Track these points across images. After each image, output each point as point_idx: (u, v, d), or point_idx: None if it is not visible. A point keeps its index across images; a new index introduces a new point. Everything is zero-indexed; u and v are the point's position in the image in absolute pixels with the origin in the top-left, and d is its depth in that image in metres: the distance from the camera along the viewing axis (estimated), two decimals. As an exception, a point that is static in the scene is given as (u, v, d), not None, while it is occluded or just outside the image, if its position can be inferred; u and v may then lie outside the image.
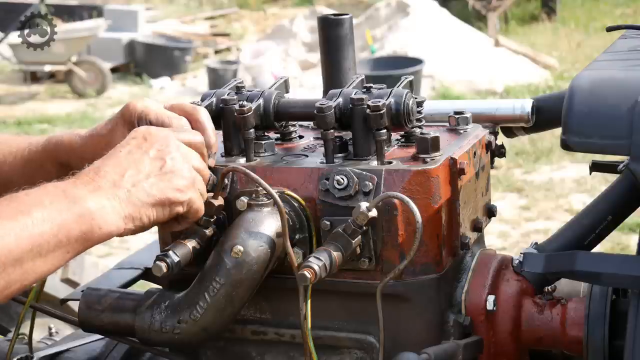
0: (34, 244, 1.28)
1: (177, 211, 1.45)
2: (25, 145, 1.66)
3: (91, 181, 1.38)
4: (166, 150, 1.45)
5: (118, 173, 1.40)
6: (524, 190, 7.68)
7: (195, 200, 1.47)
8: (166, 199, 1.42)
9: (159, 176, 1.42)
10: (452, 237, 1.58)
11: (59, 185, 1.36)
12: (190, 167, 1.46)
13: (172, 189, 1.43)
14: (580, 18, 15.20)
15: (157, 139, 1.45)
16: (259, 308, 1.63)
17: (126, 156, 1.42)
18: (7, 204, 1.30)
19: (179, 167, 1.44)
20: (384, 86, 1.60)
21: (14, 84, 13.54)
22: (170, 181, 1.43)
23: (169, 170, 1.43)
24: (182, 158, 1.46)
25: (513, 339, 1.59)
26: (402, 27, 12.15)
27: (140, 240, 6.52)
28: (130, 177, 1.40)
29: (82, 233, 1.33)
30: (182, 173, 1.44)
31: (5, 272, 1.25)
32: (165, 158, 1.44)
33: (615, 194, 1.61)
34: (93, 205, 1.34)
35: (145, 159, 1.43)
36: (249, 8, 18.45)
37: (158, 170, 1.43)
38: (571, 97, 1.45)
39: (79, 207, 1.33)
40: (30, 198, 1.32)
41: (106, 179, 1.38)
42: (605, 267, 1.45)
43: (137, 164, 1.41)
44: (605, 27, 2.04)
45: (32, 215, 1.29)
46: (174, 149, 1.46)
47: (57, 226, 1.30)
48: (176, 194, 1.43)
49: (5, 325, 2.80)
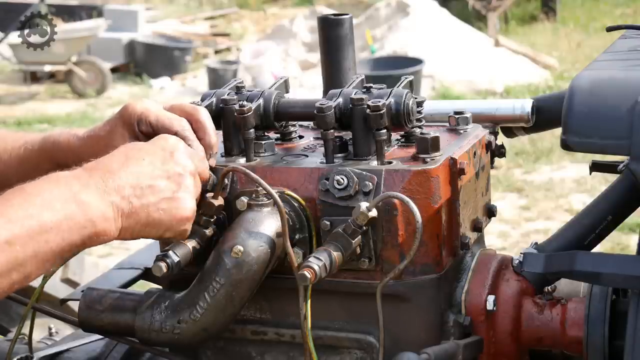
0: (38, 251, 1.28)
1: (167, 236, 1.46)
2: (20, 143, 1.65)
3: (103, 185, 1.36)
4: (185, 175, 1.45)
5: (131, 183, 1.39)
6: (524, 190, 7.68)
7: (187, 232, 1.48)
8: (163, 224, 1.43)
9: (168, 200, 1.42)
10: (452, 237, 1.58)
11: (70, 183, 1.34)
12: (194, 200, 1.47)
13: (173, 218, 1.43)
14: (580, 18, 15.20)
15: (181, 160, 1.45)
16: (259, 308, 1.63)
17: (147, 167, 1.42)
18: (18, 203, 1.29)
19: (187, 199, 1.45)
20: (384, 86, 1.60)
21: (14, 84, 13.54)
22: (176, 209, 1.43)
23: (179, 198, 1.44)
24: (193, 188, 1.46)
25: (513, 339, 1.59)
26: (402, 27, 12.15)
27: (140, 240, 6.52)
28: (141, 193, 1.40)
29: (82, 241, 1.34)
30: (188, 205, 1.45)
31: (9, 277, 1.25)
32: (181, 184, 1.44)
33: (615, 194, 1.61)
34: (98, 215, 1.34)
35: (164, 179, 1.42)
36: (249, 8, 18.45)
37: (171, 194, 1.43)
38: (571, 97, 1.45)
39: (86, 217, 1.33)
40: (40, 199, 1.30)
41: (118, 188, 1.37)
42: (605, 267, 1.45)
43: (154, 180, 1.41)
44: (605, 27, 2.03)
45: (41, 221, 1.28)
46: (191, 176, 1.46)
47: (62, 234, 1.30)
48: (174, 223, 1.44)
49: (5, 325, 2.80)
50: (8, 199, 1.29)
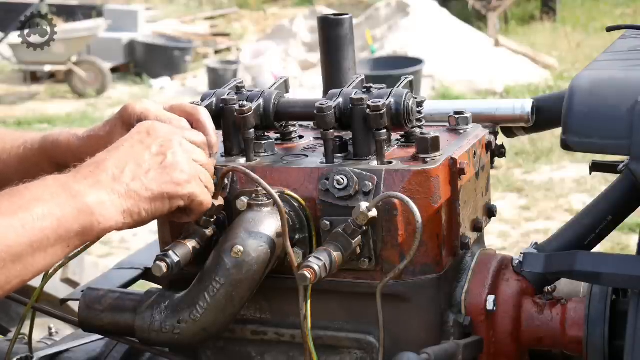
0: (34, 239, 1.28)
1: (177, 205, 1.45)
2: (20, 142, 1.65)
3: (91, 175, 1.37)
4: (168, 145, 1.45)
5: (118, 167, 1.39)
6: (524, 190, 7.68)
7: (198, 193, 1.46)
8: (165, 193, 1.42)
9: (159, 170, 1.42)
10: (452, 237, 1.58)
11: (59, 178, 1.36)
12: (191, 161, 1.46)
13: (171, 183, 1.43)
14: (580, 18, 15.20)
15: (160, 134, 1.46)
16: (259, 308, 1.63)
17: (128, 150, 1.42)
18: (8, 198, 1.30)
19: (179, 161, 1.44)
20: (384, 86, 1.60)
21: (14, 84, 13.54)
22: (169, 175, 1.43)
23: (169, 164, 1.43)
24: (183, 153, 1.46)
25: (513, 339, 1.59)
26: (402, 27, 12.15)
27: (141, 240, 6.53)
28: (130, 172, 1.40)
29: (81, 228, 1.33)
30: (182, 167, 1.44)
31: (6, 268, 1.25)
32: (166, 153, 1.44)
33: (615, 194, 1.61)
34: (92, 200, 1.34)
35: (147, 154, 1.43)
36: (249, 8, 18.45)
37: (158, 164, 1.43)
38: (571, 97, 1.45)
39: (78, 202, 1.33)
40: (30, 192, 1.32)
41: (106, 173, 1.38)
42: (605, 267, 1.45)
43: (138, 158, 1.42)
44: (605, 27, 2.03)
45: (33, 211, 1.29)
46: (177, 144, 1.46)
47: (57, 221, 1.30)
48: (175, 188, 1.43)
49: (5, 325, 2.80)
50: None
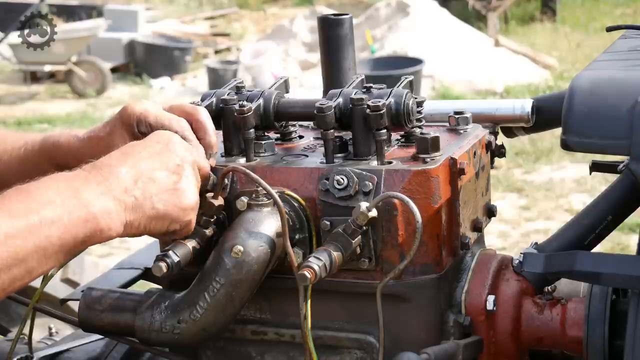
0: (39, 245, 1.28)
1: (173, 228, 1.46)
2: (21, 143, 1.65)
3: (104, 180, 1.37)
4: (184, 166, 1.45)
5: (132, 178, 1.39)
6: (524, 190, 7.68)
7: (192, 222, 1.48)
8: (168, 216, 1.43)
9: (170, 191, 1.42)
10: (452, 237, 1.58)
11: (71, 181, 1.35)
12: (197, 190, 1.47)
13: (176, 207, 1.43)
14: (580, 18, 15.20)
15: (178, 152, 1.46)
16: (259, 308, 1.63)
17: (145, 161, 1.42)
18: (18, 199, 1.29)
19: (190, 187, 1.45)
20: (384, 86, 1.60)
21: (14, 84, 13.54)
22: (178, 198, 1.43)
23: (181, 188, 1.44)
24: (194, 178, 1.47)
25: (513, 339, 1.59)
26: (402, 27, 12.15)
27: (141, 240, 6.53)
28: (143, 185, 1.40)
29: (85, 236, 1.33)
30: (191, 194, 1.45)
31: (10, 272, 1.25)
32: (181, 175, 1.44)
33: (615, 194, 1.61)
34: (100, 209, 1.34)
35: (163, 170, 1.43)
36: (249, 8, 18.45)
37: (172, 184, 1.43)
38: (571, 97, 1.45)
39: (87, 211, 1.33)
40: (40, 195, 1.31)
41: (118, 181, 1.37)
42: (605, 267, 1.45)
43: (154, 172, 1.41)
44: (605, 27, 2.03)
45: (41, 215, 1.28)
46: (190, 167, 1.46)
47: (63, 229, 1.30)
48: (179, 213, 1.44)
49: (5, 325, 2.80)
50: (8, 195, 1.30)
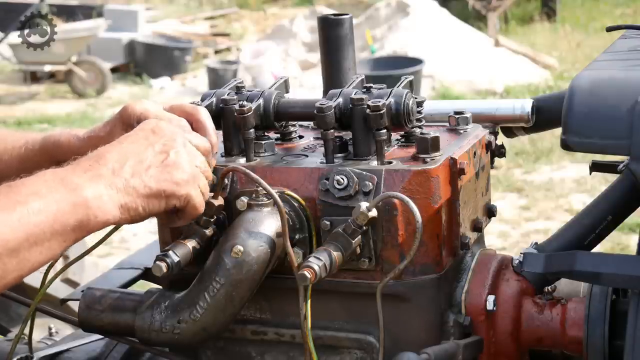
0: (30, 234, 1.27)
1: (173, 204, 1.44)
2: (21, 143, 1.65)
3: (91, 168, 1.37)
4: (172, 144, 1.45)
5: (119, 162, 1.39)
6: (524, 190, 7.69)
7: (194, 196, 1.46)
8: (162, 191, 1.42)
9: (159, 168, 1.42)
10: (452, 237, 1.58)
11: (57, 172, 1.36)
12: (192, 163, 1.46)
13: (170, 182, 1.42)
14: (580, 18, 15.20)
15: (165, 133, 1.46)
16: (259, 308, 1.63)
17: (130, 145, 1.42)
18: (5, 193, 1.30)
19: (181, 161, 1.44)
20: (384, 86, 1.60)
21: (14, 84, 13.54)
22: (169, 173, 1.43)
23: (171, 163, 1.43)
24: (186, 154, 1.46)
25: (513, 339, 1.59)
26: (402, 27, 12.15)
27: (141, 240, 6.53)
28: (130, 167, 1.40)
29: (78, 222, 1.33)
30: (183, 167, 1.44)
31: (2, 262, 1.25)
32: (169, 152, 1.44)
33: (615, 194, 1.61)
34: (90, 193, 1.34)
35: (149, 151, 1.43)
36: (249, 8, 18.45)
37: (160, 162, 1.43)
38: (571, 97, 1.45)
39: (75, 195, 1.33)
40: (27, 187, 1.31)
41: (106, 167, 1.38)
42: (605, 267, 1.45)
43: (140, 154, 1.42)
44: (605, 27, 2.04)
45: (29, 205, 1.28)
46: (180, 144, 1.46)
47: (53, 216, 1.30)
48: (173, 187, 1.43)
49: (5, 325, 2.80)
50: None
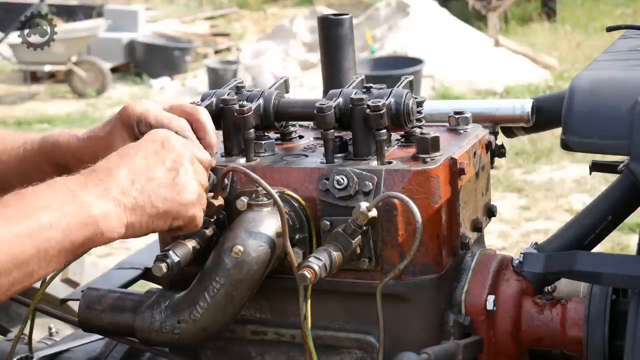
0: (39, 249, 1.28)
1: (177, 224, 1.45)
2: (20, 143, 1.65)
3: (101, 183, 1.37)
4: (181, 161, 1.44)
5: (129, 179, 1.39)
6: (524, 190, 7.68)
7: (197, 217, 1.47)
8: (169, 212, 1.42)
9: (169, 188, 1.42)
10: (452, 237, 1.58)
11: (68, 185, 1.35)
12: (198, 183, 1.46)
13: (177, 203, 1.42)
14: (580, 18, 15.19)
15: (175, 148, 1.45)
16: (259, 308, 1.63)
17: (140, 161, 1.41)
18: (16, 204, 1.29)
19: (189, 182, 1.44)
20: (384, 86, 1.60)
21: (14, 84, 13.53)
22: (178, 194, 1.43)
23: (180, 183, 1.43)
24: (193, 172, 1.46)
25: (513, 339, 1.59)
26: (402, 27, 12.14)
27: (141, 240, 6.53)
28: (140, 185, 1.39)
29: (85, 239, 1.33)
30: (191, 188, 1.44)
31: (11, 275, 1.25)
32: (179, 170, 1.43)
33: (615, 194, 1.61)
34: (99, 211, 1.34)
35: (160, 168, 1.42)
36: (249, 8, 18.44)
37: (170, 181, 1.42)
38: (571, 97, 1.45)
39: (85, 214, 1.32)
40: (38, 199, 1.31)
41: (116, 184, 1.37)
42: (605, 267, 1.45)
43: (150, 171, 1.41)
44: (605, 27, 2.04)
45: (40, 220, 1.28)
46: (188, 162, 1.45)
47: (62, 233, 1.30)
48: (180, 209, 1.43)
49: (5, 325, 2.80)
50: (6, 201, 1.30)
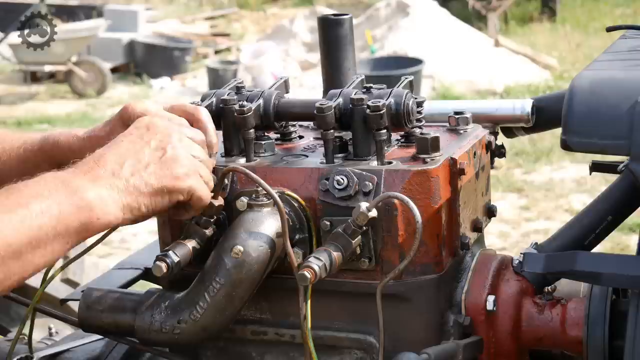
0: (32, 236, 1.28)
1: (177, 199, 1.45)
2: (19, 143, 1.65)
3: (90, 170, 1.38)
4: (167, 139, 1.45)
5: (117, 162, 1.40)
6: (524, 190, 7.68)
7: (197, 188, 1.46)
8: (164, 187, 1.42)
9: (158, 164, 1.43)
10: (452, 237, 1.58)
11: (58, 175, 1.36)
12: (190, 156, 1.47)
13: (170, 177, 1.43)
14: (580, 18, 15.19)
15: (159, 129, 1.46)
16: (259, 308, 1.63)
17: (127, 145, 1.43)
18: (6, 196, 1.30)
19: (178, 155, 1.45)
20: (384, 86, 1.60)
21: (14, 84, 13.53)
22: (169, 169, 1.43)
23: (169, 158, 1.44)
24: (183, 147, 1.46)
25: (513, 339, 1.59)
26: (402, 27, 12.15)
27: (141, 240, 6.53)
28: (130, 167, 1.40)
29: (80, 224, 1.33)
30: (182, 161, 1.45)
31: (5, 265, 1.25)
32: (165, 147, 1.44)
33: (615, 194, 1.61)
34: (92, 195, 1.34)
35: (146, 149, 1.43)
36: (249, 8, 18.44)
37: (158, 159, 1.43)
38: (571, 97, 1.45)
39: (77, 197, 1.33)
40: (29, 189, 1.32)
41: (105, 168, 1.39)
42: (605, 267, 1.45)
43: (138, 153, 1.42)
44: (605, 27, 2.04)
45: (31, 208, 1.29)
46: (176, 139, 1.46)
47: (55, 218, 1.30)
48: (175, 182, 1.43)
49: (5, 325, 2.81)
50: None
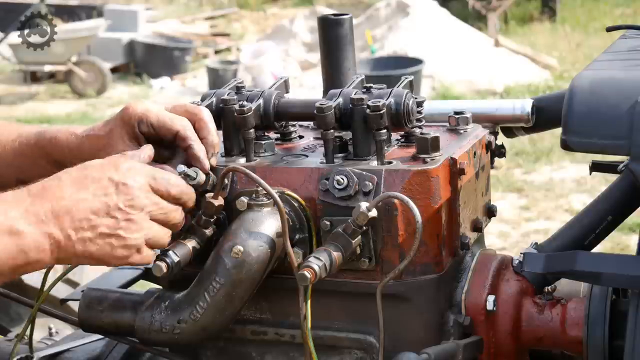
0: None
1: (120, 264, 1.43)
2: (14, 136, 1.63)
3: (43, 213, 1.34)
4: (131, 211, 1.39)
5: (71, 216, 1.36)
6: (524, 190, 7.68)
7: (137, 261, 1.42)
8: (101, 260, 1.40)
9: (105, 237, 1.38)
10: (452, 237, 1.58)
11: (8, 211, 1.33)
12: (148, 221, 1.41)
13: (110, 256, 1.40)
14: (580, 18, 15.19)
15: (128, 192, 1.39)
16: (259, 308, 1.63)
17: (89, 197, 1.37)
18: None
19: (129, 236, 1.39)
20: (384, 86, 1.60)
21: (14, 84, 13.53)
22: (112, 248, 1.39)
23: (121, 230, 1.39)
24: (142, 214, 1.40)
25: (513, 339, 1.59)
26: (402, 27, 12.15)
27: (140, 240, 6.52)
28: (80, 226, 1.36)
29: (16, 266, 1.34)
30: (132, 235, 1.40)
31: None
32: (120, 221, 1.38)
33: (615, 194, 1.61)
34: (32, 245, 1.34)
35: (103, 214, 1.38)
36: (249, 8, 18.44)
37: (108, 230, 1.38)
38: (571, 97, 1.45)
39: (18, 248, 1.33)
40: None
41: (57, 218, 1.35)
42: (605, 267, 1.45)
43: (93, 214, 1.37)
44: (605, 27, 2.04)
45: None
46: (138, 208, 1.40)
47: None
48: (111, 261, 1.41)
49: (5, 325, 2.81)
50: None
